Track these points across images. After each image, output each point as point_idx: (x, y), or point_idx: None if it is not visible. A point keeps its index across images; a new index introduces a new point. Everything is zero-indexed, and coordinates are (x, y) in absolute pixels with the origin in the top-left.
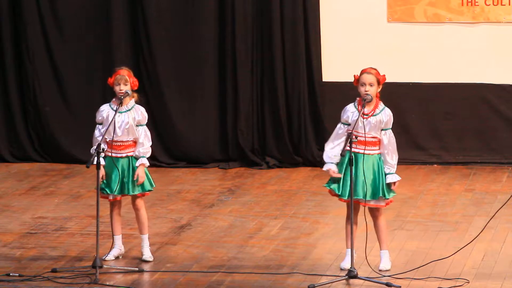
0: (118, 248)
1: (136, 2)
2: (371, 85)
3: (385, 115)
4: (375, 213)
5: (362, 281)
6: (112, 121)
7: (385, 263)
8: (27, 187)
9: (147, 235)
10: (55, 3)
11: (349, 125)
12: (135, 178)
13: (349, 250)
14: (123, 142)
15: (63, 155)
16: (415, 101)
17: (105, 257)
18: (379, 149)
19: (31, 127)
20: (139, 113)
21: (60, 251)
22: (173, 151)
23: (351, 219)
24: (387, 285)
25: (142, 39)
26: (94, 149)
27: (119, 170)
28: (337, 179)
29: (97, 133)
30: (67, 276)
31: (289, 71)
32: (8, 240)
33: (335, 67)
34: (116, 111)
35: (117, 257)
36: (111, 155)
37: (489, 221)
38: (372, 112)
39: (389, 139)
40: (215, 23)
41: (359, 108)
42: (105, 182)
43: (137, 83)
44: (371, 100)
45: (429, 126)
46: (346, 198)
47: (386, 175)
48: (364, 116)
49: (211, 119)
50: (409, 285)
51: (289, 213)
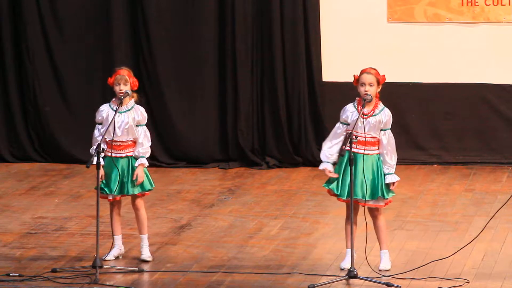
0: (118, 248)
1: (136, 2)
2: (371, 85)
3: (385, 116)
4: (374, 213)
5: (362, 281)
6: (112, 121)
7: (385, 263)
8: (27, 187)
9: (147, 235)
10: (55, 3)
11: (348, 124)
12: (134, 178)
13: (349, 250)
14: (122, 142)
15: (63, 155)
16: (415, 101)
17: (105, 257)
18: (378, 149)
19: (31, 127)
20: (139, 113)
21: (60, 251)
22: (173, 151)
23: (351, 219)
24: (387, 285)
25: (142, 39)
26: (93, 149)
27: (119, 170)
28: (335, 178)
29: (96, 133)
30: (67, 276)
31: (289, 71)
32: (8, 240)
33: (335, 67)
34: (116, 111)
35: (117, 257)
36: (111, 155)
37: (489, 221)
38: (371, 112)
39: (388, 139)
40: (215, 23)
41: (359, 108)
42: (104, 182)
43: (137, 83)
44: (371, 100)
45: (429, 126)
46: (345, 198)
47: (385, 175)
48: (363, 116)
49: (211, 119)
50: (409, 285)
51: (289, 213)
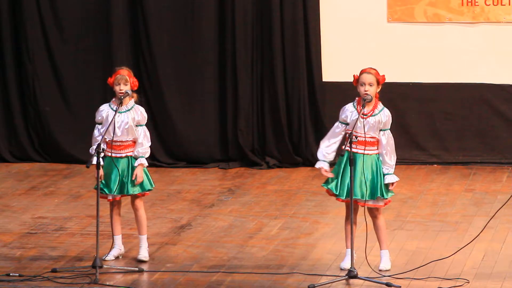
0: (118, 248)
1: (136, 2)
2: (371, 85)
3: (384, 116)
4: (374, 213)
5: (362, 281)
6: (112, 121)
7: (385, 263)
8: (27, 187)
9: (146, 236)
10: (55, 3)
11: (347, 124)
12: (133, 178)
13: (349, 250)
14: (122, 142)
15: (63, 155)
16: (415, 101)
17: (105, 257)
18: (377, 149)
19: (31, 127)
20: (139, 113)
21: (60, 251)
22: (173, 151)
23: (351, 219)
24: (387, 285)
25: (142, 39)
26: (93, 149)
27: (119, 170)
28: (334, 178)
29: (96, 133)
30: (67, 276)
31: (289, 71)
32: (8, 240)
33: (335, 67)
34: (116, 111)
35: (117, 257)
36: (111, 155)
37: (489, 221)
38: (371, 112)
39: (387, 139)
40: (215, 23)
41: (359, 108)
42: (103, 182)
43: (137, 83)
44: (371, 100)
45: (429, 126)
46: (344, 198)
47: (384, 175)
48: (363, 116)
49: (211, 119)
50: (409, 285)
51: (289, 213)
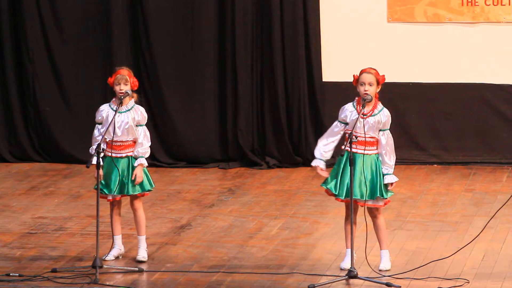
0: (118, 248)
1: (136, 2)
2: (371, 85)
3: (384, 116)
4: (374, 213)
5: (362, 281)
6: (112, 121)
7: (385, 263)
8: (27, 187)
9: (144, 237)
10: (55, 3)
11: (346, 124)
12: (133, 178)
13: (349, 250)
14: (123, 142)
15: (63, 155)
16: (415, 101)
17: (105, 257)
18: (376, 149)
19: (31, 127)
20: (139, 113)
21: (60, 251)
22: (173, 151)
23: (351, 219)
24: (387, 285)
25: (142, 39)
26: (93, 149)
27: (119, 170)
28: (333, 178)
29: (96, 133)
30: (67, 276)
31: (289, 71)
32: (8, 240)
33: (335, 67)
34: (116, 111)
35: (117, 257)
36: (111, 155)
37: (489, 221)
38: (370, 112)
39: (387, 139)
40: (215, 23)
41: (358, 108)
42: (103, 182)
43: (137, 83)
44: (371, 100)
45: (429, 126)
46: (343, 198)
47: (384, 175)
48: (362, 116)
49: (211, 119)
50: (409, 285)
51: (289, 213)
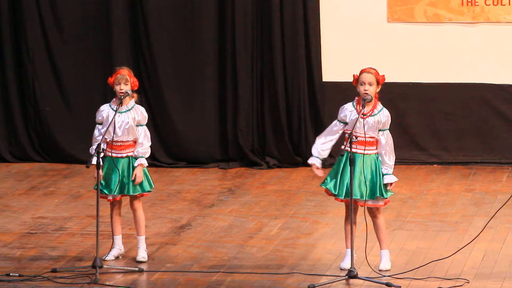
0: (118, 248)
1: (136, 2)
2: (371, 85)
3: (383, 116)
4: (374, 213)
5: (362, 281)
6: (112, 121)
7: (385, 263)
8: (27, 187)
9: (144, 237)
10: (55, 3)
11: (345, 123)
12: (133, 178)
13: (349, 250)
14: (123, 142)
15: (63, 155)
16: (415, 101)
17: (105, 257)
18: (376, 148)
19: (31, 127)
20: (139, 113)
21: (60, 251)
22: (173, 151)
23: (351, 219)
24: (387, 285)
25: (142, 39)
26: (93, 149)
27: (119, 170)
28: (332, 178)
29: (96, 133)
30: (67, 276)
31: (289, 71)
32: (8, 240)
33: (335, 67)
34: (116, 111)
35: (117, 257)
36: (111, 155)
37: (489, 221)
38: (370, 112)
39: (387, 139)
40: (215, 23)
41: (358, 108)
42: (103, 182)
43: (137, 83)
44: (371, 100)
45: (429, 126)
46: (342, 198)
47: (383, 175)
48: (362, 116)
49: (211, 119)
50: (409, 285)
51: (289, 213)
